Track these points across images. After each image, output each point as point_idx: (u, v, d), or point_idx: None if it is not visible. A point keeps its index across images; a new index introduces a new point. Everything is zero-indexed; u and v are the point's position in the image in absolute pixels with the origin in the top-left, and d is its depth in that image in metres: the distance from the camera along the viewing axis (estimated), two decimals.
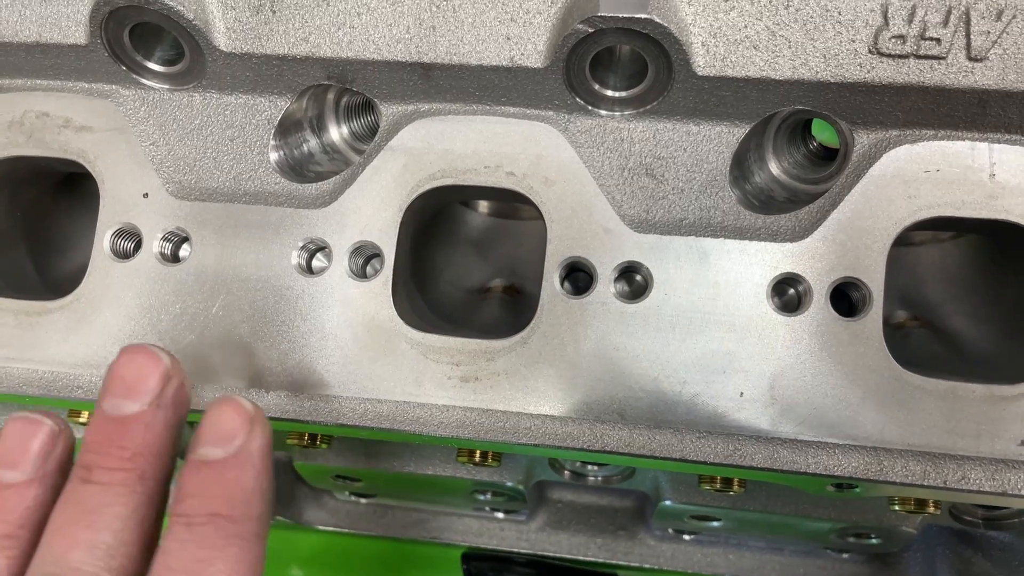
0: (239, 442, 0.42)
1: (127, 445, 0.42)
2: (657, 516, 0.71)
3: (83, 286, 0.55)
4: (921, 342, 0.60)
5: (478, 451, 0.59)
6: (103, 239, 0.55)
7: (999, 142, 0.50)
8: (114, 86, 0.56)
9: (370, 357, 0.53)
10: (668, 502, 0.68)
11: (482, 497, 0.73)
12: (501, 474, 0.69)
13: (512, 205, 0.69)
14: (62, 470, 0.44)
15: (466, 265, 0.68)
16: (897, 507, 0.57)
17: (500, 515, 0.83)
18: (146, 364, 0.44)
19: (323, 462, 0.70)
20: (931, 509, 0.56)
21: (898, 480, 0.49)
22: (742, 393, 0.50)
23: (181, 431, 0.46)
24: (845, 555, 0.78)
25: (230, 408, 0.43)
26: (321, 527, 0.85)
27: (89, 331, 0.55)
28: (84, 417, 0.61)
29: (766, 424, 0.50)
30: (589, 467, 0.70)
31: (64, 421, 0.46)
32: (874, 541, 0.69)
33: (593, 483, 0.72)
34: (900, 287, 0.63)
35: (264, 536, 0.42)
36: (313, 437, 0.59)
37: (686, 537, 0.80)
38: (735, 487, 0.57)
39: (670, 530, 0.78)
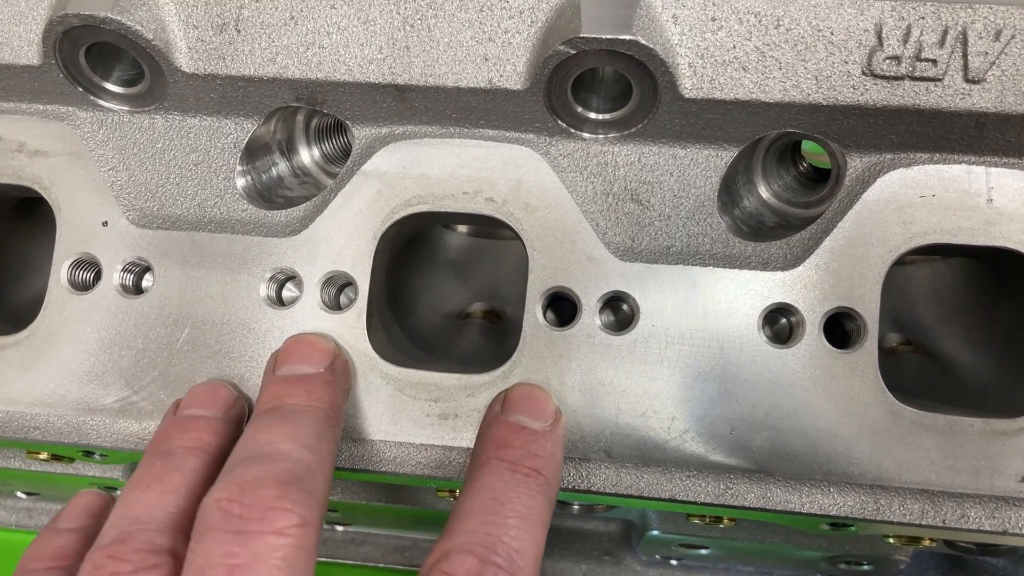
0: (552, 421, 0.46)
1: (312, 390, 0.46)
2: (644, 544, 0.69)
3: (39, 320, 0.52)
4: (914, 368, 0.59)
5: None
6: (60, 270, 0.52)
7: (996, 166, 0.48)
8: (70, 108, 0.53)
9: None
10: (655, 532, 0.66)
11: None
12: None
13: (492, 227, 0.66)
14: (240, 424, 0.48)
15: (445, 289, 0.65)
16: (892, 540, 0.55)
17: None
18: (315, 342, 0.49)
19: None
20: (927, 543, 0.54)
21: (896, 520, 0.47)
22: (732, 429, 0.48)
23: (346, 401, 0.49)
24: None
25: (543, 393, 0.48)
26: None
27: (46, 368, 0.52)
28: (44, 456, 0.58)
29: (758, 461, 0.48)
30: None
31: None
32: (866, 568, 0.67)
33: (578, 511, 0.69)
34: (891, 308, 0.62)
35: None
36: None
37: (673, 562, 0.78)
38: (725, 521, 0.55)
39: (657, 556, 0.76)
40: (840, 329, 0.49)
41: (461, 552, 0.40)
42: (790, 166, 0.54)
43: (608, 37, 0.44)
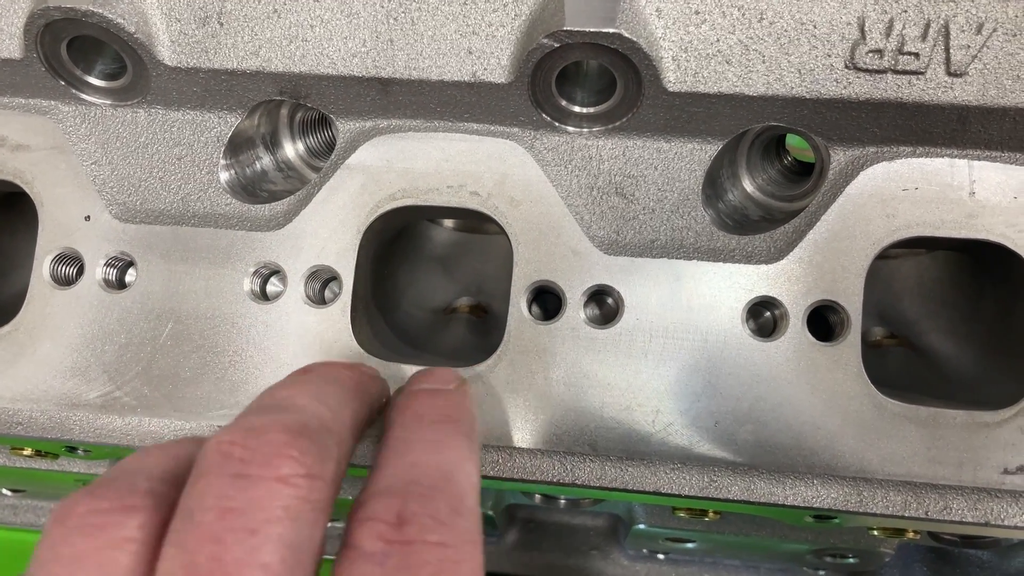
0: (456, 384, 0.44)
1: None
2: (630, 538, 0.69)
3: (21, 315, 0.52)
4: (899, 362, 0.59)
5: None
6: (42, 265, 0.52)
7: (979, 159, 0.48)
8: (53, 102, 0.53)
9: None
10: (642, 526, 0.66)
11: None
12: None
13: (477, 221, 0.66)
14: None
15: (431, 284, 0.65)
16: (876, 532, 0.55)
17: None
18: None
19: None
20: (911, 535, 0.55)
21: (879, 512, 0.47)
22: (717, 422, 0.48)
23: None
24: (821, 572, 0.76)
25: (439, 368, 0.46)
26: None
27: (28, 363, 0.52)
28: (28, 452, 0.58)
29: (742, 454, 0.48)
30: None
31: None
32: (851, 561, 0.68)
33: (564, 506, 0.70)
34: (876, 302, 0.62)
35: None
36: None
37: (660, 556, 0.78)
38: (710, 514, 0.55)
39: (644, 550, 0.77)
40: (824, 322, 0.50)
41: (377, 494, 0.36)
42: (774, 160, 0.54)
43: (592, 30, 0.44)
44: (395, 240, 0.61)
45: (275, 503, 0.33)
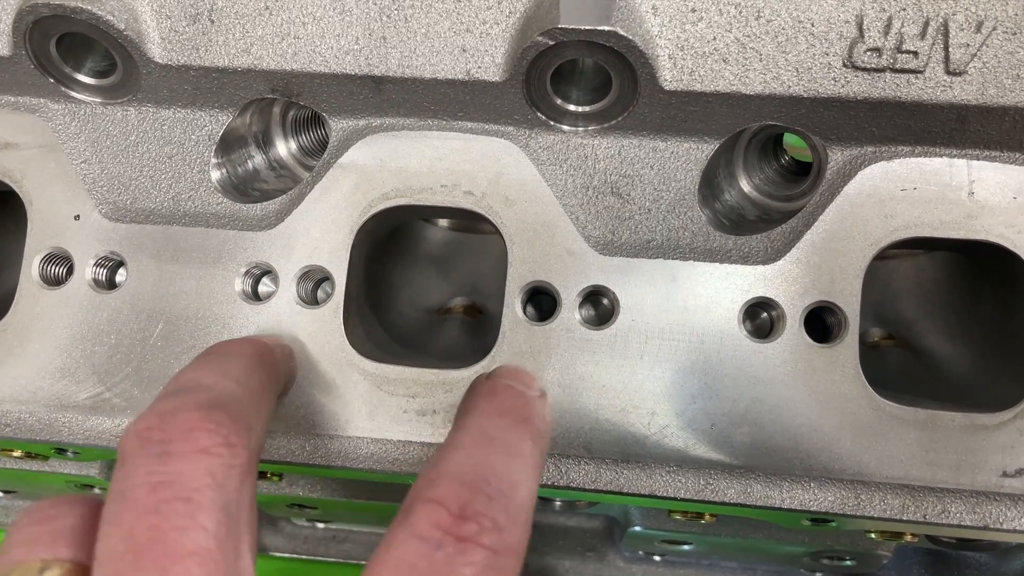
0: (541, 393, 0.43)
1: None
2: (626, 540, 0.69)
3: (10, 316, 0.51)
4: (897, 363, 0.58)
5: None
6: (31, 265, 0.51)
7: (978, 159, 0.47)
8: (42, 100, 0.52)
9: (321, 389, 0.50)
10: (637, 528, 0.65)
11: None
12: None
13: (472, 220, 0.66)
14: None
15: (425, 284, 0.65)
16: (874, 535, 0.55)
17: None
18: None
19: (277, 492, 0.67)
20: (908, 538, 0.54)
21: (876, 515, 0.46)
22: (713, 424, 0.48)
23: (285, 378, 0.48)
24: (817, 574, 0.76)
25: (527, 370, 0.45)
26: (278, 554, 0.82)
27: (16, 364, 0.51)
28: (18, 453, 0.57)
29: (738, 456, 0.47)
30: None
31: None
32: (848, 563, 0.67)
33: (560, 508, 0.69)
34: (873, 303, 0.61)
35: None
36: (263, 472, 0.56)
37: (656, 558, 0.77)
38: (707, 517, 0.55)
39: (640, 552, 0.76)
40: (821, 323, 0.49)
41: (449, 478, 0.36)
42: (771, 159, 0.54)
43: (587, 28, 0.43)
44: (388, 240, 0.60)
45: (201, 471, 0.35)
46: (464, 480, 0.36)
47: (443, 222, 0.67)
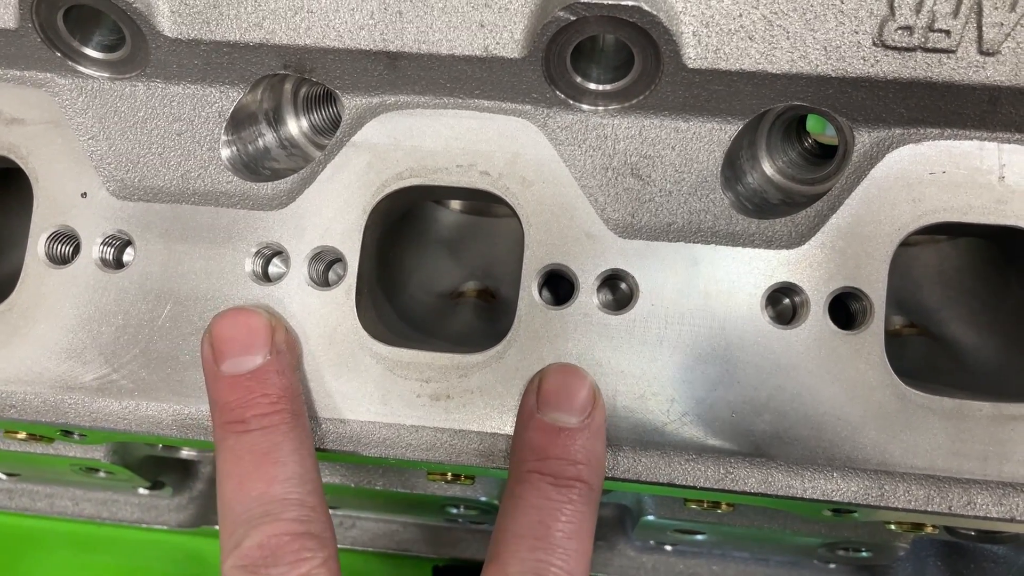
0: (589, 412, 0.45)
1: (269, 392, 0.45)
2: (638, 529, 0.68)
3: (15, 295, 0.50)
4: (919, 351, 0.57)
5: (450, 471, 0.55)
6: (37, 243, 0.50)
7: (1009, 142, 0.46)
8: (49, 74, 0.51)
9: (332, 372, 0.49)
10: (651, 517, 0.64)
11: (454, 511, 0.70)
12: (475, 490, 0.65)
13: (487, 202, 0.64)
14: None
15: (437, 267, 0.64)
16: (893, 527, 0.54)
17: (472, 525, 0.79)
18: (248, 320, 0.46)
19: None
20: (929, 529, 0.53)
21: (900, 506, 0.45)
22: (734, 412, 0.46)
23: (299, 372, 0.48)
24: (832, 565, 0.75)
25: (577, 379, 0.45)
26: None
27: (22, 344, 0.50)
28: (22, 435, 0.57)
29: (759, 446, 0.46)
30: None
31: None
32: (864, 555, 0.66)
33: None
34: (895, 290, 0.60)
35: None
36: None
37: (668, 548, 0.76)
38: (723, 506, 0.54)
39: (652, 541, 0.75)
40: (845, 310, 0.48)
41: (521, 553, 0.41)
42: (795, 141, 0.53)
43: (610, 3, 0.42)
44: (401, 222, 0.59)
45: None
46: (538, 550, 0.42)
47: (455, 205, 0.66)
